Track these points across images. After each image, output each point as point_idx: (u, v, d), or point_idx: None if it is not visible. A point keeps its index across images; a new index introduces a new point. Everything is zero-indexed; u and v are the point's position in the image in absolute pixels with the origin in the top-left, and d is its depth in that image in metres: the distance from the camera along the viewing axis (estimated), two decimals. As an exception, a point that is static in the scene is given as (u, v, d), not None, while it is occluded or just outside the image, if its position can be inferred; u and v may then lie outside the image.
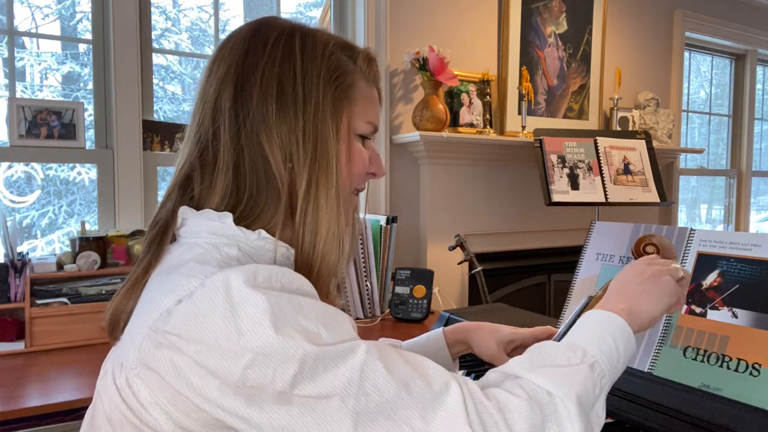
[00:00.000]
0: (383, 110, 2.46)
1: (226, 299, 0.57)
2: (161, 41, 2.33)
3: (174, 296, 0.61)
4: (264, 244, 0.68)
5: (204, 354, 0.56)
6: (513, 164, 2.75)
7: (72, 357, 1.62)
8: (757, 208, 4.45)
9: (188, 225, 0.69)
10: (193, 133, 0.72)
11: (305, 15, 2.65)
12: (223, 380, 0.56)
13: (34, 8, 2.08)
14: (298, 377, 0.55)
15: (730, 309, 1.02)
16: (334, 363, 0.56)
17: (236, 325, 0.56)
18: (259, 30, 0.73)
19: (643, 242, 0.98)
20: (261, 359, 0.55)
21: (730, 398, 0.95)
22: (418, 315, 2.06)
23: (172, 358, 0.58)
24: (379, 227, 2.17)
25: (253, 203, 0.69)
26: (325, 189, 0.69)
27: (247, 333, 0.56)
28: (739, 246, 1.05)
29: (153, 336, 0.60)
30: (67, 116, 1.93)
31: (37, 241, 2.17)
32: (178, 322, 0.58)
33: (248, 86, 0.69)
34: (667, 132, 3.19)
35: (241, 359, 0.55)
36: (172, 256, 0.68)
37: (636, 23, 3.33)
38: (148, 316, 0.62)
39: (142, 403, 0.60)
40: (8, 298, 1.66)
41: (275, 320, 0.56)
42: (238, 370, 0.55)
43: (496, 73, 2.78)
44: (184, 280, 0.62)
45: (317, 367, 0.56)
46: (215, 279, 0.59)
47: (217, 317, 0.57)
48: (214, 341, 0.56)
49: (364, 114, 0.75)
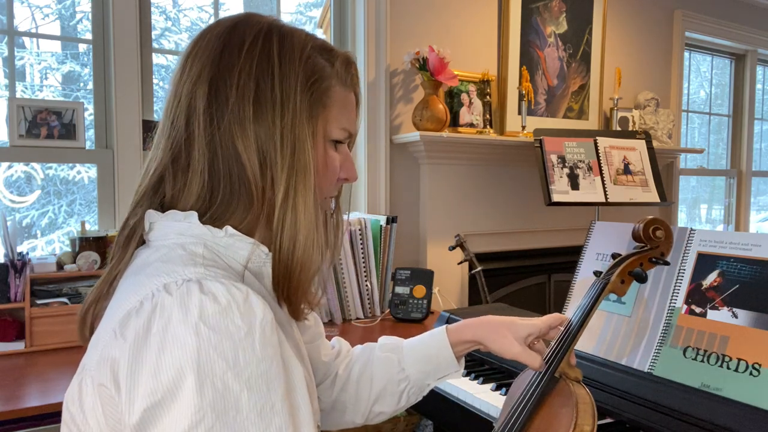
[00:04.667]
0: (383, 110, 2.46)
1: (163, 331, 0.56)
2: (161, 41, 2.33)
3: (136, 297, 0.60)
4: (233, 241, 0.67)
5: (133, 370, 0.56)
6: (513, 164, 2.75)
7: (72, 357, 1.62)
8: (757, 208, 4.45)
9: (156, 229, 0.68)
10: (165, 134, 0.70)
11: (305, 15, 2.65)
12: (141, 402, 0.55)
13: (34, 8, 2.08)
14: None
15: (730, 309, 1.02)
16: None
17: (158, 361, 0.55)
18: (235, 28, 0.70)
19: (652, 225, 0.94)
20: (167, 402, 0.54)
21: (730, 398, 0.95)
22: (418, 315, 2.06)
23: (114, 359, 0.58)
24: (379, 227, 2.17)
25: (224, 206, 0.68)
26: (303, 196, 0.67)
27: (164, 373, 0.54)
28: (739, 246, 1.05)
29: (112, 338, 0.59)
30: (67, 116, 1.93)
31: (37, 241, 2.17)
32: (131, 330, 0.58)
33: (223, 88, 0.67)
34: (667, 132, 3.19)
35: (150, 397, 0.54)
36: (140, 258, 0.68)
37: (636, 23, 3.33)
38: (112, 319, 0.61)
39: (83, 409, 0.60)
40: (8, 298, 1.66)
41: (198, 369, 0.54)
42: (143, 406, 0.55)
43: (496, 73, 2.78)
44: (147, 280, 0.61)
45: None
46: (165, 307, 0.57)
47: (152, 347, 0.55)
48: (140, 367, 0.55)
49: (338, 120, 0.73)
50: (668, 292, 1.13)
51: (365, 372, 0.93)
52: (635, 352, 1.13)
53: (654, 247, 0.95)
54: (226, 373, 0.55)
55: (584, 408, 0.75)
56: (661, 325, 1.11)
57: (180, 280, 0.59)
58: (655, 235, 0.94)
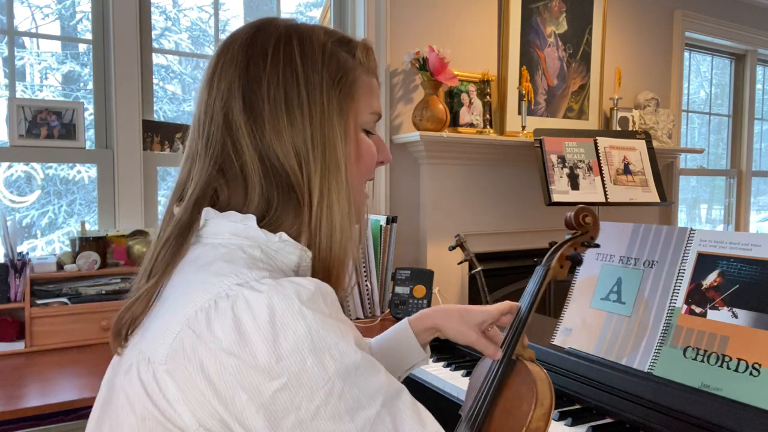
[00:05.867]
0: (383, 110, 2.46)
1: (269, 323, 0.58)
2: (161, 41, 2.33)
3: (207, 294, 0.61)
4: (284, 246, 0.70)
5: (239, 369, 0.58)
6: (513, 164, 2.75)
7: (72, 357, 1.62)
8: (757, 208, 4.45)
9: (210, 226, 0.70)
10: (204, 148, 0.72)
11: (305, 15, 2.66)
12: (251, 396, 0.58)
13: (34, 8, 2.08)
14: (320, 409, 0.58)
15: (730, 309, 1.02)
16: (354, 407, 0.60)
17: (276, 350, 0.58)
18: (255, 38, 0.72)
19: (582, 213, 1.02)
20: (294, 384, 0.58)
21: (730, 398, 0.95)
22: (418, 315, 2.06)
23: (204, 362, 0.59)
24: (379, 227, 2.17)
25: (279, 213, 0.71)
26: (336, 193, 0.71)
27: (286, 358, 0.58)
28: (739, 246, 1.05)
29: (190, 335, 0.60)
30: (67, 116, 1.93)
31: (37, 241, 2.17)
32: (219, 330, 0.59)
33: (256, 101, 0.70)
34: (667, 132, 3.19)
35: (275, 381, 0.57)
36: (195, 254, 0.68)
37: (636, 23, 3.33)
38: (181, 312, 0.62)
39: (168, 400, 0.60)
40: (8, 298, 1.66)
41: (314, 348, 0.59)
42: (269, 391, 0.57)
43: (496, 73, 2.78)
44: (214, 278, 0.63)
45: (339, 406, 0.59)
46: (259, 301, 0.60)
47: (258, 339, 0.58)
48: (252, 360, 0.58)
49: (368, 107, 0.76)
50: (668, 292, 1.13)
51: None
52: (635, 352, 1.13)
53: (584, 233, 1.03)
54: (338, 344, 0.60)
55: (542, 385, 0.83)
56: (661, 325, 1.11)
57: (257, 277, 0.62)
58: (584, 222, 1.02)
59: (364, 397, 0.61)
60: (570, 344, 1.27)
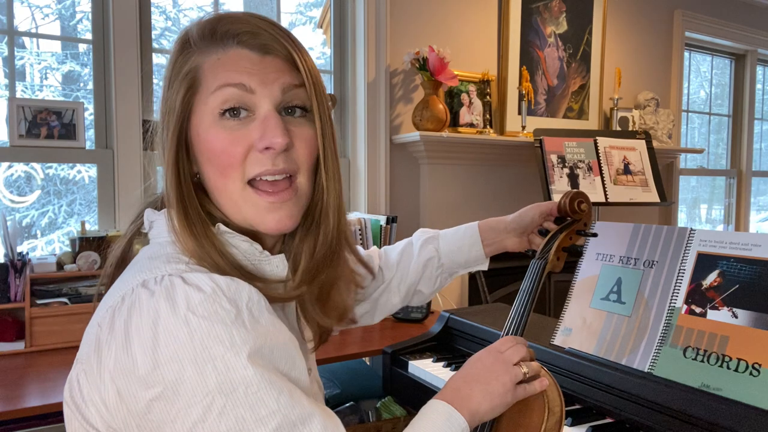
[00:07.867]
0: (383, 110, 2.46)
1: (152, 328, 0.56)
2: (161, 41, 2.33)
3: (119, 293, 0.61)
4: (228, 239, 0.70)
5: (120, 374, 0.56)
6: (513, 164, 2.75)
7: (72, 357, 1.60)
8: (757, 208, 4.45)
9: (155, 227, 0.71)
10: None
11: (305, 15, 2.65)
12: (128, 405, 0.56)
13: (34, 8, 2.08)
14: (197, 426, 0.55)
15: (730, 309, 1.02)
16: (237, 428, 0.55)
17: (154, 357, 0.55)
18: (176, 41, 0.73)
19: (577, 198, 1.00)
20: (170, 395, 0.55)
21: (730, 398, 0.95)
22: (418, 315, 2.06)
23: (95, 364, 0.59)
24: (379, 227, 2.17)
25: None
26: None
27: (163, 366, 0.55)
28: (739, 246, 1.05)
29: (97, 332, 0.60)
30: (67, 116, 1.93)
31: (37, 240, 2.17)
32: (117, 329, 0.58)
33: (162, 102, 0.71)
34: (667, 132, 3.19)
35: (150, 390, 0.55)
36: (138, 255, 0.70)
37: (636, 23, 3.33)
38: (98, 312, 0.63)
39: (83, 398, 0.61)
40: (8, 298, 1.66)
41: (195, 358, 0.55)
42: (144, 400, 0.55)
43: (496, 73, 2.78)
44: (131, 276, 0.63)
45: (219, 426, 0.54)
46: (148, 304, 0.57)
47: (138, 344, 0.56)
48: (132, 366, 0.56)
49: (213, 86, 0.66)
50: (668, 292, 1.13)
51: (403, 258, 1.05)
52: (635, 352, 1.13)
53: (578, 220, 1.00)
54: (224, 355, 0.55)
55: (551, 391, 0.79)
56: (661, 325, 1.11)
57: (159, 275, 0.60)
58: (579, 208, 0.99)
59: (251, 420, 0.55)
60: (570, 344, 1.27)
